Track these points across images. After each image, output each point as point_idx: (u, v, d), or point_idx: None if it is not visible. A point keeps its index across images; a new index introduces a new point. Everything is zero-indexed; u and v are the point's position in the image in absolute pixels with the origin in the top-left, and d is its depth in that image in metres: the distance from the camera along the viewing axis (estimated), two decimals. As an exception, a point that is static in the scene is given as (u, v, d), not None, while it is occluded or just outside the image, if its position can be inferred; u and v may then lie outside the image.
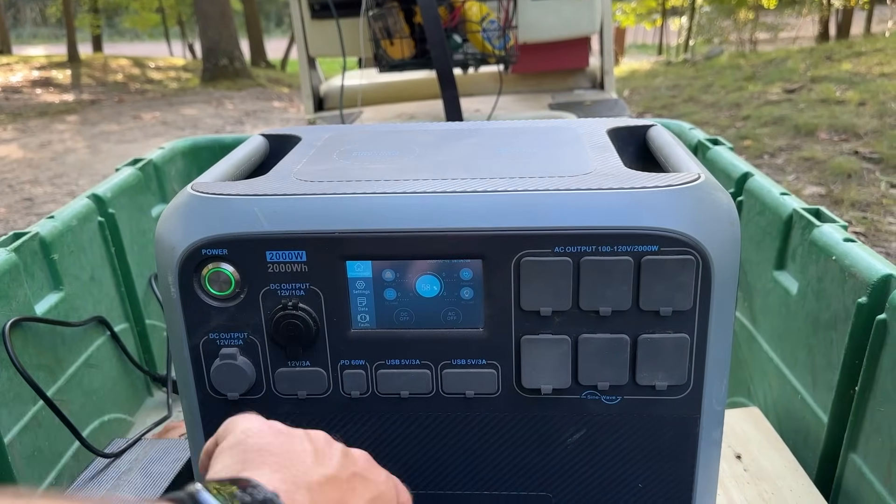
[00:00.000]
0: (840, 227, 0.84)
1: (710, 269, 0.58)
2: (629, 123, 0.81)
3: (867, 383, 0.73)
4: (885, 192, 3.49)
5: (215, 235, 0.59)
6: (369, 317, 0.62)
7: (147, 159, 1.24)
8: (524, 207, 0.59)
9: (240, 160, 0.73)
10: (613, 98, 2.58)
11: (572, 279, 0.59)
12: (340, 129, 0.83)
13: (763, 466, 0.80)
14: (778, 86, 5.71)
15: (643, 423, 0.63)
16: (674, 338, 0.60)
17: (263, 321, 0.61)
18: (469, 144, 0.75)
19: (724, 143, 1.20)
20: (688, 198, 0.59)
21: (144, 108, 8.06)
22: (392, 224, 0.59)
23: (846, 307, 0.77)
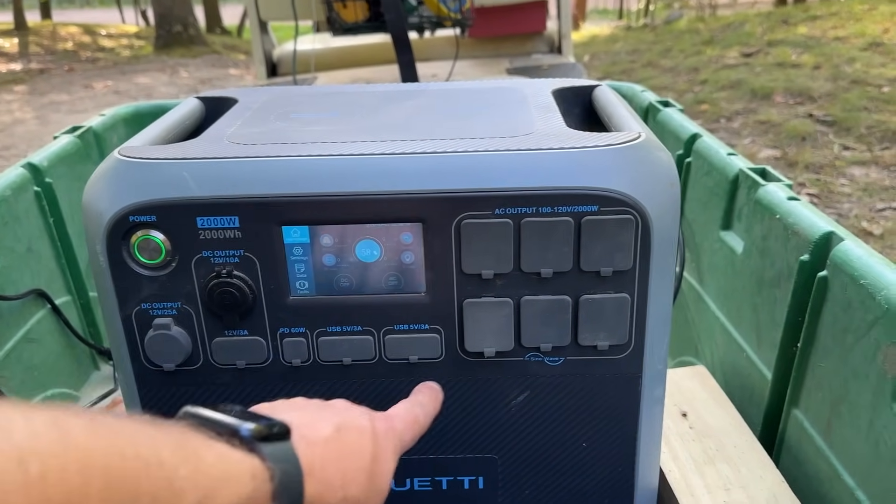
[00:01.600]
0: (785, 185, 0.85)
1: (650, 228, 0.57)
2: (575, 84, 0.80)
3: (809, 340, 0.74)
4: (837, 154, 3.55)
5: (143, 201, 0.57)
6: (308, 283, 0.60)
7: (86, 126, 1.20)
8: (464, 169, 0.58)
9: (172, 124, 0.70)
10: (571, 62, 2.57)
11: (513, 241, 0.58)
12: (280, 91, 0.81)
13: (708, 423, 0.81)
14: (735, 50, 5.74)
15: (586, 383, 0.63)
16: (614, 298, 0.60)
17: (197, 290, 0.59)
18: (411, 106, 0.73)
19: (674, 104, 1.19)
20: (627, 157, 0.58)
21: (96, 77, 7.83)
22: (329, 187, 0.57)
23: (789, 265, 0.77)
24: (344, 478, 0.46)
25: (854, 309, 0.67)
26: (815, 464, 0.73)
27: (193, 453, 0.36)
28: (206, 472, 0.36)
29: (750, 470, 0.74)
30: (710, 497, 0.71)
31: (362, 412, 0.51)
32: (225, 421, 0.41)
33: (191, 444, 0.37)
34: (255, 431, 0.40)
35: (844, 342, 0.68)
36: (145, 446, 0.33)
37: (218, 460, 0.37)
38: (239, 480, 0.38)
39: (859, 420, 0.66)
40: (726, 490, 0.72)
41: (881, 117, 3.84)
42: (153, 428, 0.36)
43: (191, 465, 0.35)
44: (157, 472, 0.33)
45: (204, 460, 0.36)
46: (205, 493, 0.35)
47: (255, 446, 0.40)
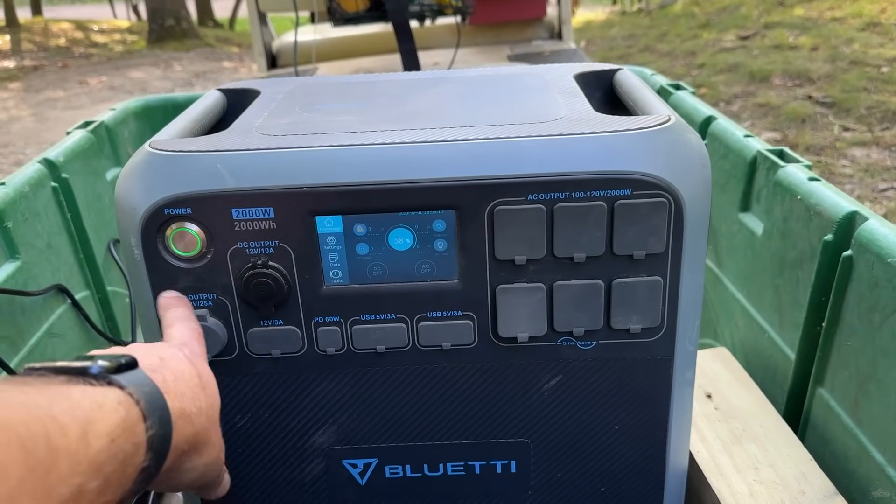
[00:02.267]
0: (804, 166, 0.85)
1: (683, 210, 0.58)
2: (596, 68, 0.81)
3: (834, 319, 0.75)
4: (838, 135, 3.55)
5: (178, 194, 0.57)
6: (342, 272, 0.60)
7: (99, 121, 1.20)
8: (496, 156, 0.58)
9: (197, 116, 0.70)
10: (572, 48, 2.56)
11: (546, 227, 0.58)
12: (301, 82, 0.81)
13: (733, 404, 0.81)
14: (732, 33, 5.73)
15: (618, 367, 0.64)
16: (647, 281, 0.60)
17: (233, 281, 0.60)
18: (436, 93, 0.73)
19: (686, 87, 1.20)
20: (659, 140, 0.58)
21: (90, 72, 7.80)
22: (361, 177, 0.57)
23: (812, 245, 0.78)
24: (191, 391, 0.50)
25: (881, 288, 0.67)
26: (843, 442, 0.74)
27: (60, 394, 0.39)
28: (79, 405, 0.39)
29: (777, 449, 0.75)
30: (739, 476, 0.72)
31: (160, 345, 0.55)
32: (72, 365, 0.43)
33: (53, 388, 0.40)
34: (104, 368, 0.43)
35: (871, 321, 0.69)
36: (17, 395, 0.36)
37: (84, 396, 0.40)
38: (109, 408, 0.40)
39: (888, 398, 0.67)
40: (755, 469, 0.72)
41: (881, 97, 3.84)
42: (13, 382, 0.39)
43: (62, 402, 0.38)
44: (39, 411, 0.35)
45: (73, 397, 0.39)
46: (84, 424, 0.38)
47: (110, 379, 0.43)
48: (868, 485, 0.70)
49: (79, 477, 0.36)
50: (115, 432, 0.40)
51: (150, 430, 0.43)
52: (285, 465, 0.67)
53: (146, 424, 0.43)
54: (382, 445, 0.67)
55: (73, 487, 0.36)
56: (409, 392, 0.65)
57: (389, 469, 0.68)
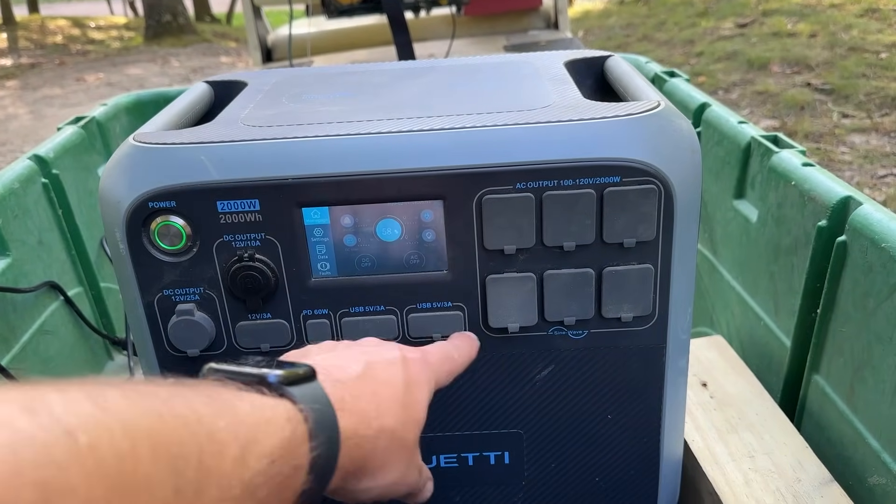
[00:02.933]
0: (798, 152, 0.84)
1: (673, 197, 0.57)
2: (586, 55, 0.80)
3: (829, 305, 0.74)
4: (837, 122, 3.54)
5: (162, 187, 0.56)
6: (329, 265, 0.60)
7: (89, 117, 1.19)
8: (484, 144, 0.57)
9: (183, 109, 0.70)
10: (568, 37, 2.55)
11: (535, 215, 0.58)
12: (289, 73, 0.80)
13: (729, 392, 0.81)
14: (730, 20, 5.70)
15: (610, 356, 0.63)
16: (638, 269, 0.59)
17: (219, 274, 0.59)
18: (424, 83, 0.72)
19: (680, 74, 1.19)
20: (648, 126, 0.58)
21: (87, 69, 7.78)
22: (348, 167, 0.57)
23: (806, 231, 0.77)
24: (378, 408, 0.46)
25: (875, 273, 0.67)
26: (839, 428, 0.73)
27: (227, 405, 0.37)
28: (243, 420, 0.36)
29: (773, 437, 0.74)
30: (734, 465, 0.71)
31: (392, 346, 0.52)
32: (250, 371, 0.41)
33: (222, 397, 0.37)
34: (282, 377, 0.41)
35: (866, 306, 0.68)
36: (180, 405, 0.33)
37: (252, 409, 0.38)
38: (276, 425, 0.38)
39: (884, 384, 0.66)
40: (750, 457, 0.72)
41: (880, 84, 3.83)
42: (183, 388, 0.36)
43: (227, 416, 0.35)
44: (197, 427, 0.33)
45: (239, 410, 0.37)
46: (245, 441, 0.35)
47: (284, 391, 0.41)
48: (864, 471, 0.69)
49: (231, 502, 0.34)
50: (276, 453, 0.37)
51: (313, 451, 0.40)
52: (277, 459, 0.67)
53: (311, 444, 0.40)
54: (374, 438, 0.66)
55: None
56: (399, 384, 0.64)
57: (382, 462, 0.68)
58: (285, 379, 0.41)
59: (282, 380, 0.41)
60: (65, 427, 0.27)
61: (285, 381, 0.41)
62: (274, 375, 0.41)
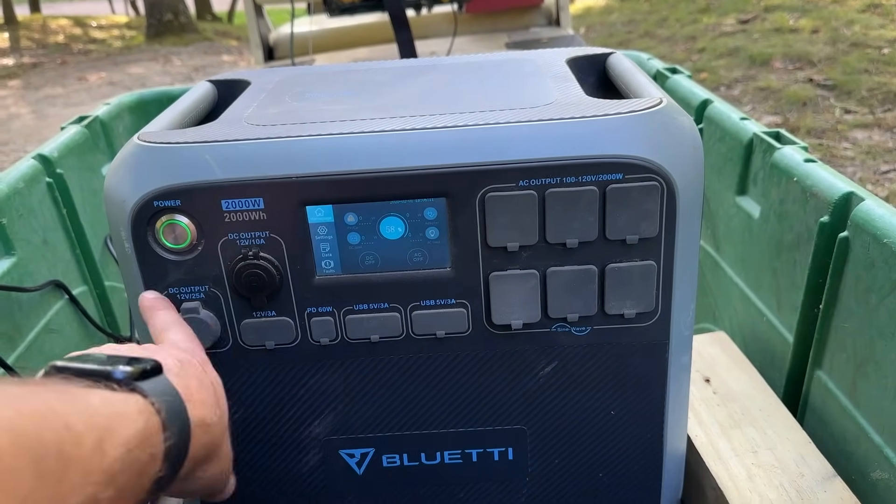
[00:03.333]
0: (800, 148, 0.84)
1: (675, 194, 0.57)
2: (588, 52, 0.80)
3: (831, 301, 0.74)
4: (839, 118, 3.53)
5: (167, 186, 0.57)
6: (334, 262, 0.60)
7: (93, 116, 1.20)
8: (487, 142, 0.57)
9: (187, 108, 0.70)
10: (570, 34, 2.55)
11: (538, 212, 0.58)
12: (291, 72, 0.80)
13: (732, 388, 0.81)
14: (732, 17, 5.69)
15: (613, 352, 0.63)
16: (641, 265, 0.60)
17: (224, 273, 0.59)
18: (426, 81, 0.73)
19: (682, 71, 1.19)
20: (650, 123, 0.58)
21: (89, 68, 7.78)
22: (351, 165, 0.57)
23: (809, 227, 0.77)
24: (210, 398, 0.50)
25: (877, 268, 0.67)
26: (841, 423, 0.73)
27: (80, 399, 0.38)
28: (97, 412, 0.38)
29: (776, 432, 0.74)
30: (737, 460, 0.71)
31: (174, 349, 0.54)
32: (96, 369, 0.43)
33: (73, 392, 0.39)
34: (129, 373, 0.43)
35: (868, 302, 0.68)
36: (35, 401, 0.35)
37: (103, 403, 0.40)
38: (128, 417, 0.40)
39: (886, 379, 0.66)
40: (753, 452, 0.72)
41: (882, 79, 3.82)
42: (34, 385, 0.39)
43: (80, 409, 0.37)
44: (54, 420, 0.35)
45: (91, 404, 0.39)
46: (101, 433, 0.37)
47: (133, 386, 0.42)
48: (867, 466, 0.69)
49: (91, 486, 0.36)
50: (131, 442, 0.39)
51: (167, 441, 0.42)
52: (282, 456, 0.67)
53: (165, 435, 0.42)
54: (379, 435, 0.67)
55: (86, 497, 0.35)
56: (404, 381, 0.65)
57: (386, 458, 0.68)
58: (132, 375, 0.43)
59: (129, 375, 0.43)
60: None
61: (133, 376, 0.43)
62: (121, 371, 0.43)
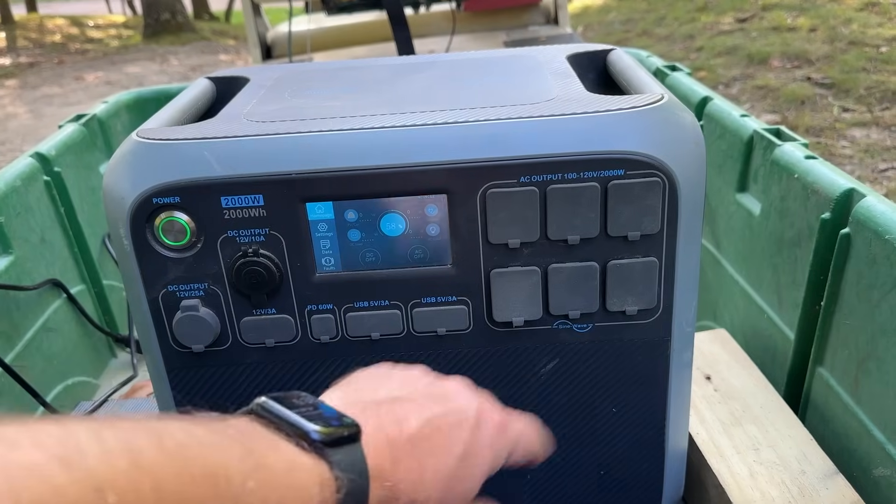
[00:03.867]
0: (801, 145, 0.84)
1: (677, 190, 0.57)
2: (588, 49, 0.80)
3: (832, 298, 0.74)
4: (837, 116, 3.53)
5: (166, 183, 0.56)
6: (334, 259, 0.60)
7: (91, 114, 1.19)
8: (487, 138, 0.57)
9: (185, 105, 0.70)
10: (569, 32, 2.55)
11: (539, 209, 0.58)
12: (291, 68, 0.80)
13: (733, 385, 0.81)
14: (730, 15, 5.69)
15: (615, 349, 0.63)
16: (643, 262, 0.59)
17: (224, 270, 0.59)
18: (427, 77, 0.72)
19: (682, 68, 1.19)
20: (652, 119, 0.57)
21: (86, 68, 7.77)
22: (352, 162, 0.57)
23: (810, 224, 0.77)
24: (419, 481, 0.43)
25: (879, 265, 0.67)
26: (843, 421, 0.73)
27: (262, 462, 0.35)
28: (274, 482, 0.35)
29: (777, 429, 0.74)
30: (739, 458, 0.71)
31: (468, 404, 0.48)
32: (295, 421, 0.39)
33: (258, 450, 0.36)
34: (325, 436, 0.39)
35: (870, 299, 0.68)
36: (213, 462, 0.33)
37: (286, 469, 0.36)
38: (306, 491, 0.37)
39: (888, 375, 0.66)
40: (755, 450, 0.72)
41: (880, 78, 3.82)
42: (219, 435, 0.35)
43: (259, 476, 0.34)
44: (226, 490, 0.32)
45: (272, 469, 0.35)
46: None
47: (324, 452, 0.38)
48: (869, 463, 0.69)
49: None
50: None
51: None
52: (282, 454, 0.67)
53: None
54: (379, 433, 0.66)
55: None
56: (404, 379, 0.64)
57: (387, 456, 0.68)
58: (328, 437, 0.39)
59: (324, 438, 0.39)
60: (97, 483, 0.26)
61: (328, 440, 0.39)
62: (316, 433, 0.39)
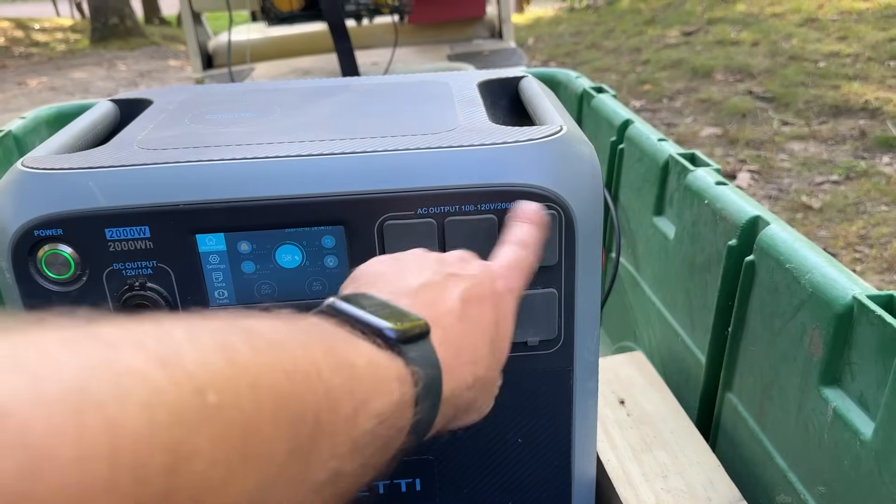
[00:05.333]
0: (713, 170, 0.85)
1: (574, 222, 0.57)
2: (500, 76, 0.79)
3: (739, 324, 0.75)
4: (777, 129, 3.62)
5: (48, 214, 0.54)
6: (227, 292, 0.58)
7: (5, 131, 1.15)
8: (384, 169, 0.56)
9: (82, 130, 0.67)
10: (512, 47, 2.56)
11: (438, 241, 0.57)
12: (198, 90, 0.78)
13: (646, 410, 0.81)
14: (676, 29, 5.80)
15: (517, 380, 0.63)
16: (542, 293, 0.59)
17: (111, 304, 0.57)
18: (333, 103, 0.71)
19: (607, 90, 1.19)
20: (548, 151, 0.57)
21: (30, 73, 7.57)
22: (243, 192, 0.55)
23: (718, 250, 0.78)
24: (474, 360, 0.45)
25: (780, 293, 0.68)
26: (750, 447, 0.74)
27: (345, 359, 0.36)
28: (359, 377, 0.36)
29: (687, 456, 0.75)
30: (647, 485, 0.71)
31: (481, 271, 0.49)
32: (370, 321, 0.40)
33: (340, 349, 0.37)
34: (400, 333, 0.40)
35: (773, 326, 0.69)
36: (302, 358, 0.33)
37: (368, 365, 0.37)
38: (388, 385, 0.37)
39: (789, 403, 0.67)
40: (663, 477, 0.72)
41: (818, 92, 3.93)
42: (303, 333, 0.35)
43: (344, 372, 0.35)
44: (318, 384, 0.32)
45: (355, 366, 0.36)
46: (359, 400, 0.35)
47: (399, 349, 0.39)
48: (773, 490, 0.70)
49: (337, 460, 0.33)
50: (384, 414, 0.36)
51: (416, 416, 0.39)
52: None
53: (415, 409, 0.39)
54: (281, 467, 0.65)
55: (331, 471, 0.33)
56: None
57: (290, 491, 0.66)
58: (402, 335, 0.40)
59: (399, 336, 0.40)
60: (196, 384, 0.26)
61: (402, 337, 0.40)
62: (391, 330, 0.40)
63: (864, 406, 0.58)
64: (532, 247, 0.53)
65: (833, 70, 4.18)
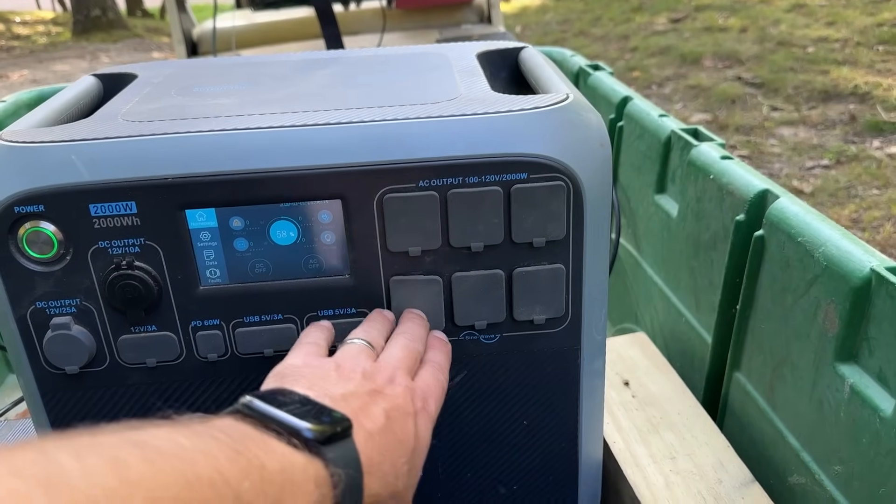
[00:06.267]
0: (717, 145, 0.83)
1: (582, 193, 0.54)
2: (500, 46, 0.77)
3: (748, 301, 0.73)
4: (766, 115, 3.61)
5: (29, 190, 0.51)
6: (219, 271, 0.56)
7: (-15, 114, 1.11)
8: (384, 139, 0.54)
9: (64, 104, 0.64)
10: (501, 31, 2.54)
11: (440, 215, 0.54)
12: (184, 64, 0.75)
13: (651, 391, 0.79)
14: (664, 16, 5.78)
15: (524, 359, 0.60)
16: (549, 269, 0.57)
17: (97, 284, 0.54)
18: (326, 74, 0.68)
19: (604, 68, 1.17)
20: (555, 120, 0.55)
21: (11, 66, 7.46)
22: (235, 165, 0.52)
23: (725, 226, 0.76)
24: (394, 471, 0.45)
25: (792, 268, 0.65)
26: (760, 427, 0.72)
27: (255, 462, 0.35)
28: (271, 480, 0.35)
29: (695, 436, 0.73)
30: (655, 467, 0.69)
31: (402, 389, 0.48)
32: (286, 420, 0.39)
33: (251, 451, 0.35)
34: (318, 434, 0.39)
35: (784, 302, 0.67)
36: (205, 465, 0.32)
37: (281, 468, 0.36)
38: (304, 488, 0.36)
39: (802, 381, 0.65)
40: (672, 458, 0.70)
41: (807, 77, 3.92)
42: (208, 438, 0.34)
43: (254, 475, 0.34)
44: (224, 490, 0.31)
45: (267, 469, 0.35)
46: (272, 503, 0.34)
47: (318, 449, 0.38)
48: (784, 470, 0.68)
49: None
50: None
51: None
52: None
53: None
54: (277, 454, 0.62)
55: None
56: (301, 396, 0.60)
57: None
58: (321, 435, 0.39)
59: (317, 436, 0.38)
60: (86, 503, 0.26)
61: (321, 437, 0.38)
62: (309, 430, 0.38)
63: (884, 382, 0.56)
64: (446, 370, 0.54)
65: (822, 55, 4.17)
